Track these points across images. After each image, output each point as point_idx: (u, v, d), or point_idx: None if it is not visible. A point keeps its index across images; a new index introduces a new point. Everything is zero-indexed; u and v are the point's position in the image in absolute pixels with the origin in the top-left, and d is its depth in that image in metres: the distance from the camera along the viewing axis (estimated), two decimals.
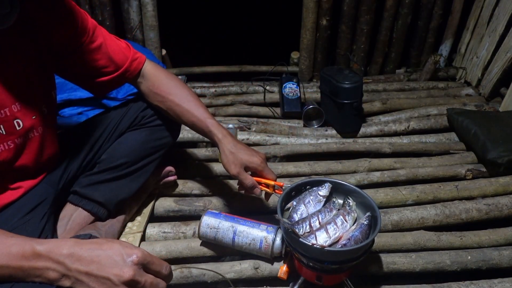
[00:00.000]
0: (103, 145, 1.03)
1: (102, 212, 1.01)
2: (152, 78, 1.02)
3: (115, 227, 1.02)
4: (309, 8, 1.85)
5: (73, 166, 0.99)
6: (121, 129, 1.05)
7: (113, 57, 0.96)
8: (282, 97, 1.74)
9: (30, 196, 0.89)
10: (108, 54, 0.95)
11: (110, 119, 1.05)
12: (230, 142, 0.97)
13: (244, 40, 2.18)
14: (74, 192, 1.00)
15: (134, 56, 1.00)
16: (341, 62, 2.06)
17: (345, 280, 0.91)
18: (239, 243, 0.98)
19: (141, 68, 1.01)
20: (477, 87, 1.89)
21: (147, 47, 1.94)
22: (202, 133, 1.03)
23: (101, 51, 0.94)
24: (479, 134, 1.39)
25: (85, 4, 1.90)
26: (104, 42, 0.95)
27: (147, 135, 1.05)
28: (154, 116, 1.06)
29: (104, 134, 1.03)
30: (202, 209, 1.17)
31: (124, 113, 1.05)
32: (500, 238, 1.09)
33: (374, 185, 1.29)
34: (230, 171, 0.96)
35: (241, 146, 0.98)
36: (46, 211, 0.89)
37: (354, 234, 0.86)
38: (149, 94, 1.03)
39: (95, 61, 0.94)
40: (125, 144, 1.03)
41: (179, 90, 1.03)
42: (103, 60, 0.95)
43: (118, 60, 0.97)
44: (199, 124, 1.01)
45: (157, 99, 1.02)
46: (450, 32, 2.05)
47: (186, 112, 1.01)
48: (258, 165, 0.97)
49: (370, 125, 1.62)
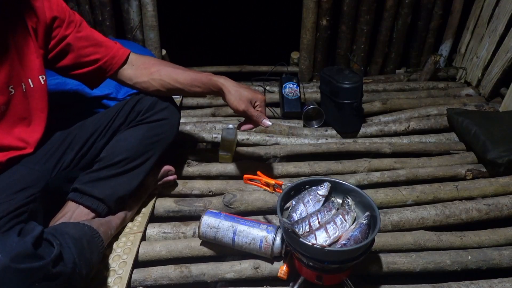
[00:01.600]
0: (98, 139, 1.07)
1: (102, 208, 1.01)
2: (140, 60, 1.11)
3: (112, 221, 1.02)
4: (309, 8, 1.85)
5: (67, 157, 1.03)
6: (117, 124, 1.08)
7: (101, 43, 1.05)
8: (282, 97, 1.74)
9: (19, 178, 0.94)
10: (96, 41, 1.05)
11: (106, 114, 1.09)
12: (232, 83, 1.06)
13: (244, 40, 2.18)
14: (75, 190, 1.02)
15: (120, 46, 1.09)
16: (341, 62, 2.06)
17: (345, 280, 0.91)
18: (239, 242, 0.98)
19: (128, 55, 1.09)
20: (477, 87, 1.89)
21: (147, 47, 1.94)
22: (203, 86, 1.08)
23: (89, 38, 1.04)
24: (479, 134, 1.39)
25: (85, 4, 1.90)
26: (91, 32, 1.05)
27: (145, 131, 1.07)
28: (151, 111, 1.09)
29: (100, 129, 1.07)
30: (202, 209, 1.17)
31: (119, 109, 1.09)
32: (500, 238, 1.09)
33: (374, 185, 1.29)
34: (239, 107, 1.04)
35: (243, 86, 1.07)
36: (34, 193, 0.94)
37: (353, 234, 0.86)
38: (138, 73, 1.09)
39: (84, 48, 1.03)
40: (124, 141, 1.05)
41: (168, 63, 1.13)
42: (91, 48, 1.04)
43: (106, 46, 1.06)
44: (198, 78, 1.07)
45: (150, 71, 1.08)
46: (450, 32, 2.05)
47: (182, 73, 1.09)
48: (261, 101, 1.07)
49: (370, 125, 1.62)
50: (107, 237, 0.98)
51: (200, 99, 1.84)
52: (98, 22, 1.94)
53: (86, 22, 1.08)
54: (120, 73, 1.09)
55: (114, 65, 1.07)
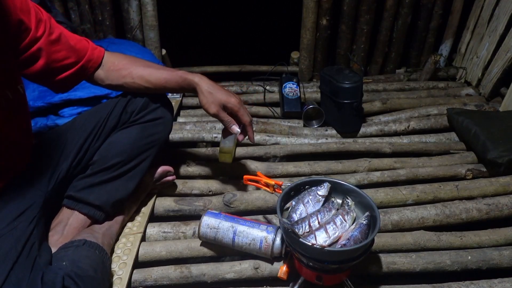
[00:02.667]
0: (92, 144, 1.00)
1: (99, 215, 0.99)
2: (111, 59, 1.01)
3: (113, 229, 1.01)
4: (309, 8, 1.85)
5: (63, 167, 0.96)
6: (110, 126, 1.02)
7: (74, 47, 0.94)
8: (282, 97, 1.74)
9: (17, 201, 0.85)
10: (68, 44, 0.92)
11: (95, 114, 1.02)
12: (207, 83, 1.00)
13: (244, 40, 2.18)
14: (69, 197, 0.98)
15: (93, 46, 0.99)
16: (341, 62, 2.06)
17: (345, 280, 0.91)
18: (239, 243, 0.98)
19: (102, 57, 1.00)
20: (477, 87, 1.89)
21: (147, 47, 1.94)
22: (178, 86, 1.03)
23: (61, 41, 0.91)
24: (479, 134, 1.39)
25: (85, 4, 1.89)
26: (62, 32, 0.92)
27: (139, 132, 1.03)
28: (145, 110, 1.04)
29: (93, 133, 1.00)
30: (202, 209, 1.17)
31: (110, 109, 1.02)
32: (500, 238, 1.09)
33: (374, 185, 1.29)
34: (210, 110, 1.00)
35: (218, 87, 1.01)
36: (35, 215, 0.86)
37: (353, 234, 0.86)
38: (110, 75, 1.00)
39: (56, 53, 0.90)
40: (116, 143, 1.01)
41: (140, 62, 1.04)
42: (64, 52, 0.92)
43: (79, 50, 0.95)
44: (172, 78, 1.02)
45: (122, 75, 1.00)
46: (450, 32, 2.05)
47: (155, 72, 1.02)
48: (235, 105, 1.01)
49: (370, 125, 1.62)
50: (110, 248, 0.97)
51: None
52: (98, 22, 1.93)
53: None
54: (93, 76, 1.01)
55: (88, 70, 0.98)
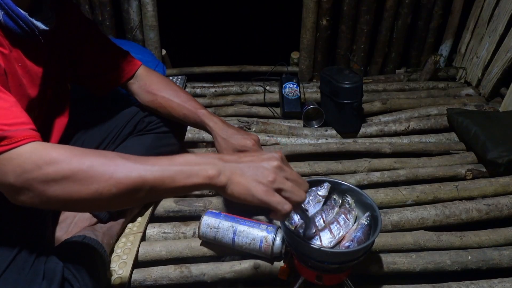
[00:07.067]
0: (107, 147, 1.05)
1: (103, 215, 1.01)
2: (145, 78, 1.07)
3: (114, 229, 1.02)
4: (309, 8, 1.85)
5: None
6: (126, 133, 1.08)
7: (114, 55, 1.02)
8: (282, 97, 1.74)
9: None
10: (110, 52, 1.02)
11: (114, 122, 1.08)
12: (221, 128, 1.02)
13: (244, 40, 2.18)
14: None
15: (131, 57, 1.07)
16: (341, 62, 2.06)
17: (345, 280, 0.91)
18: (239, 243, 0.98)
19: (137, 69, 1.06)
20: (477, 87, 1.89)
21: (147, 47, 1.94)
22: (195, 124, 1.07)
23: (104, 49, 1.01)
24: (479, 134, 1.39)
25: (85, 4, 1.90)
26: (105, 41, 1.02)
27: (153, 140, 1.08)
28: (161, 123, 1.10)
29: (110, 136, 1.06)
30: (202, 209, 1.17)
31: (129, 119, 1.08)
32: (500, 238, 1.09)
33: (374, 185, 1.29)
34: None
35: (232, 131, 1.02)
36: None
37: (356, 235, 0.86)
38: (140, 94, 1.07)
39: (99, 59, 1.00)
40: (130, 148, 1.05)
41: (170, 88, 1.08)
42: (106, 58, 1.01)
43: (118, 59, 1.03)
44: (190, 116, 1.04)
45: (149, 98, 1.06)
46: (450, 32, 2.05)
47: (177, 106, 1.05)
48: (250, 148, 1.01)
49: (370, 125, 1.62)
50: (110, 247, 0.98)
51: (201, 99, 1.84)
52: (98, 22, 1.94)
53: None
54: (127, 85, 1.08)
55: (122, 78, 1.05)
